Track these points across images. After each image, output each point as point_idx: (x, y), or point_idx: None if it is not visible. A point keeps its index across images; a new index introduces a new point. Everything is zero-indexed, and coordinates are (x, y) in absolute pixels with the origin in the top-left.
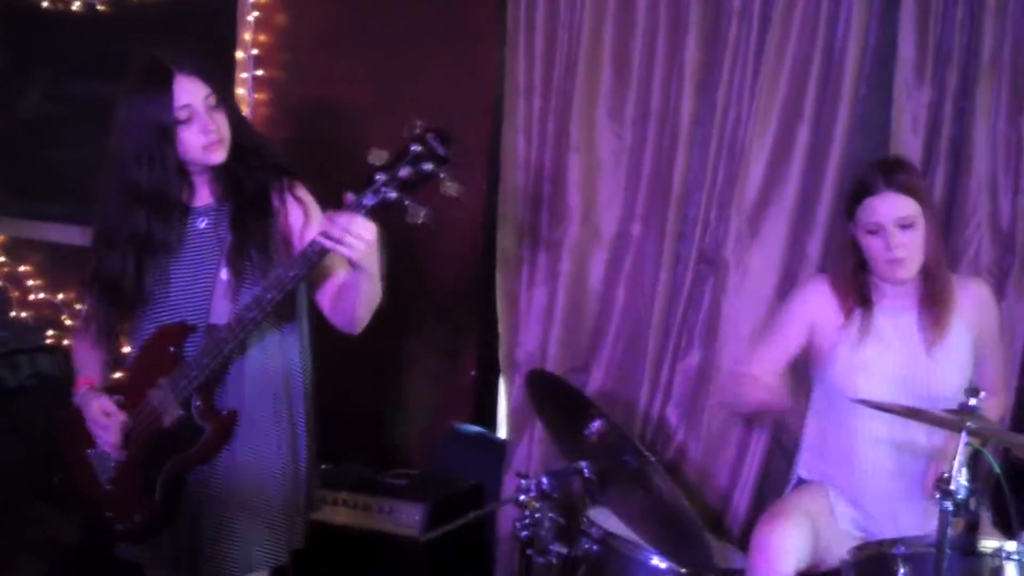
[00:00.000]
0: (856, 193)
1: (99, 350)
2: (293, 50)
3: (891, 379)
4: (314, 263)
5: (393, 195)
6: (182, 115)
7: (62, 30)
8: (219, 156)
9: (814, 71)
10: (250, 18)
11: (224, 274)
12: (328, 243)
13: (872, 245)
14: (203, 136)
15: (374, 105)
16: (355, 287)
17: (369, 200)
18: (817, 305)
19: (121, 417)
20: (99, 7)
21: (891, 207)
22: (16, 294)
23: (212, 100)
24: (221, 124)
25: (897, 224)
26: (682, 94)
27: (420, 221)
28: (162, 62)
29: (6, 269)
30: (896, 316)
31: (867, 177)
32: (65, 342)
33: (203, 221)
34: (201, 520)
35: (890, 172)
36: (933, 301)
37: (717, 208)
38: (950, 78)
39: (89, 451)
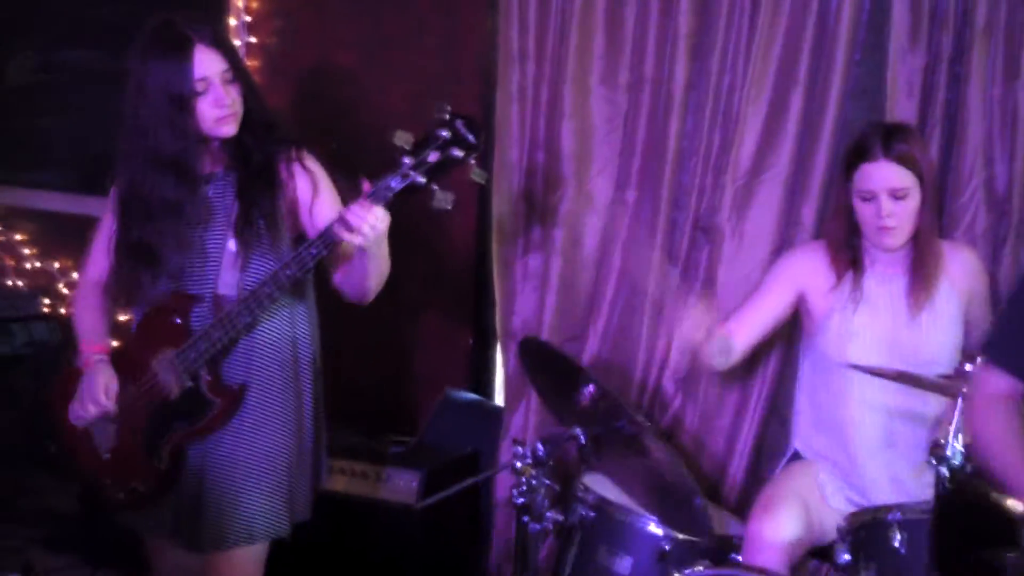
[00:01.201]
0: (854, 155)
1: (105, 316)
2: (285, 16)
3: (880, 345)
4: (334, 242)
5: (421, 180)
6: (199, 87)
7: None
8: (230, 129)
9: (808, 35)
10: None
11: (232, 244)
12: (344, 232)
13: (864, 210)
14: (217, 109)
15: (366, 72)
16: (363, 266)
17: (396, 183)
18: (808, 270)
19: (114, 406)
20: None
21: (886, 177)
22: (11, 262)
23: (229, 74)
24: (235, 98)
25: (890, 194)
26: (676, 59)
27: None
28: (183, 31)
29: (1, 238)
30: (886, 282)
31: (866, 141)
32: (61, 310)
33: (210, 188)
34: (203, 490)
35: (889, 140)
36: (921, 269)
37: (712, 175)
38: (945, 42)
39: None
